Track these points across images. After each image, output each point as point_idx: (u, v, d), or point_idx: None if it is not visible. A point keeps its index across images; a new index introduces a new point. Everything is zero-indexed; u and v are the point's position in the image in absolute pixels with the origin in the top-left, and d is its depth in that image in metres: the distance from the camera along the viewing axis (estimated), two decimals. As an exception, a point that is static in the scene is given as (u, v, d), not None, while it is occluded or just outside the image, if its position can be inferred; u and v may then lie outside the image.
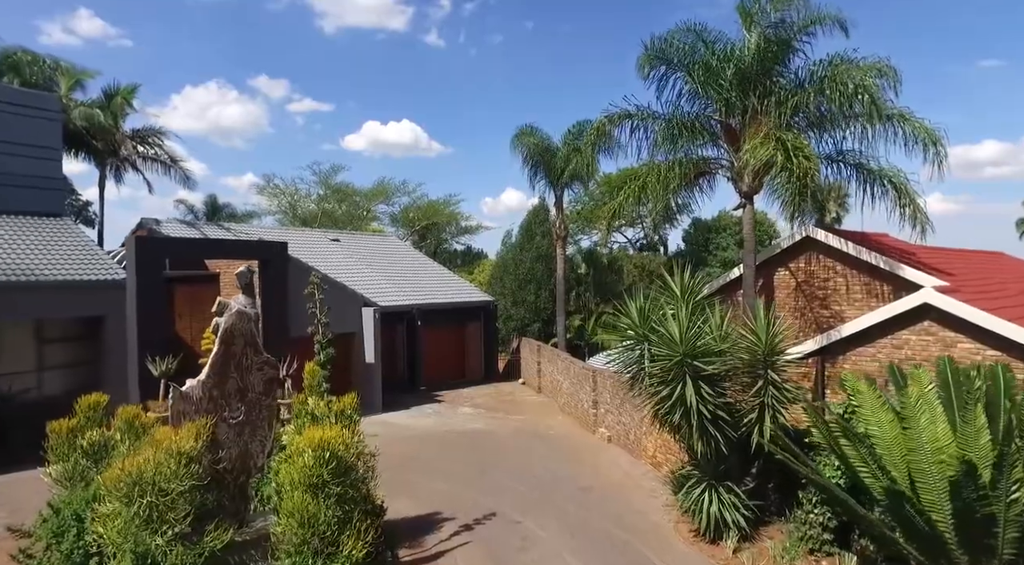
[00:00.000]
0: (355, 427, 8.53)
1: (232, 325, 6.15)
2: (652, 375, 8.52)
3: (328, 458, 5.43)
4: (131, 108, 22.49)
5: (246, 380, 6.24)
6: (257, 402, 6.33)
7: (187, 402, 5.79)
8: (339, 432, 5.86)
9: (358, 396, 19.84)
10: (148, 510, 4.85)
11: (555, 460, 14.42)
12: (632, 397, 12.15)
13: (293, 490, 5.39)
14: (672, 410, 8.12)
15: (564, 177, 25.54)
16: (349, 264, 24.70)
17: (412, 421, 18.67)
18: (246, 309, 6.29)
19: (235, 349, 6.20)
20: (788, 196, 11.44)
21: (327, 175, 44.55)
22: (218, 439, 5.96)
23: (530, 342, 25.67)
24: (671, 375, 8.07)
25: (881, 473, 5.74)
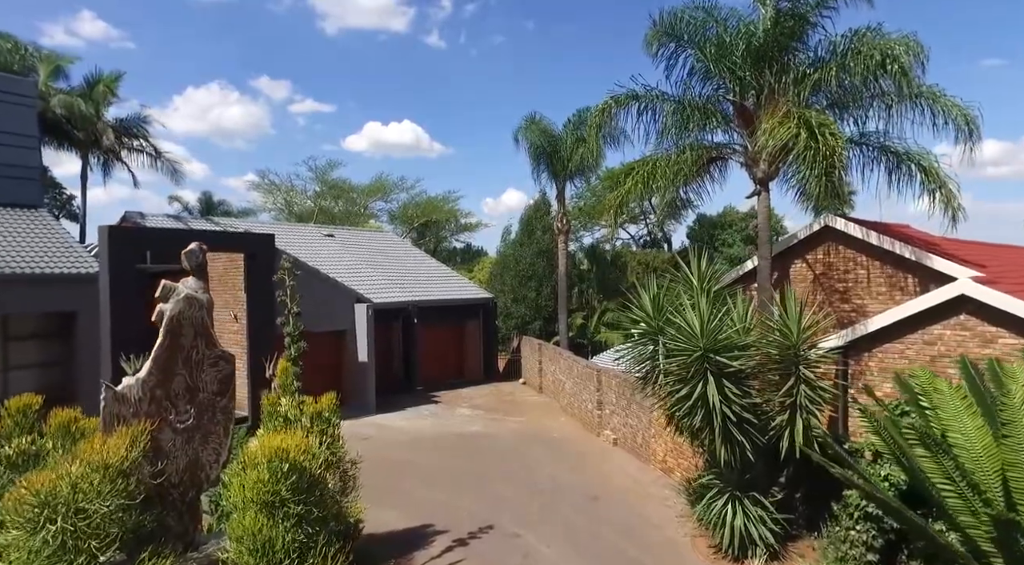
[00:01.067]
0: (334, 431, 7.60)
1: (180, 313, 5.21)
2: (668, 372, 7.58)
3: (287, 471, 4.50)
4: (114, 97, 21.57)
5: (197, 377, 5.30)
6: (210, 404, 5.39)
7: (123, 404, 4.85)
8: (302, 440, 4.91)
9: (351, 397, 18.97)
10: (61, 537, 3.90)
11: (558, 465, 13.47)
12: (644, 397, 11.22)
13: (245, 510, 4.47)
14: (691, 412, 7.18)
15: (568, 168, 24.57)
16: (343, 260, 23.77)
17: (407, 423, 17.74)
18: (197, 294, 5.34)
19: (183, 341, 5.25)
20: (813, 178, 10.45)
21: (323, 171, 43.65)
22: (161, 447, 5.02)
23: (531, 341, 24.73)
24: (690, 372, 7.13)
25: (972, 491, 4.75)
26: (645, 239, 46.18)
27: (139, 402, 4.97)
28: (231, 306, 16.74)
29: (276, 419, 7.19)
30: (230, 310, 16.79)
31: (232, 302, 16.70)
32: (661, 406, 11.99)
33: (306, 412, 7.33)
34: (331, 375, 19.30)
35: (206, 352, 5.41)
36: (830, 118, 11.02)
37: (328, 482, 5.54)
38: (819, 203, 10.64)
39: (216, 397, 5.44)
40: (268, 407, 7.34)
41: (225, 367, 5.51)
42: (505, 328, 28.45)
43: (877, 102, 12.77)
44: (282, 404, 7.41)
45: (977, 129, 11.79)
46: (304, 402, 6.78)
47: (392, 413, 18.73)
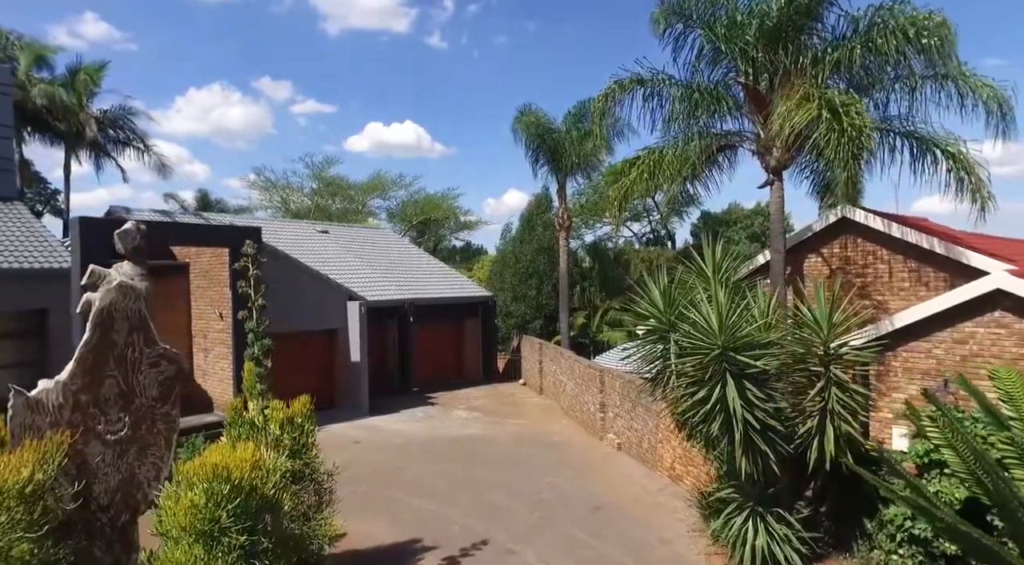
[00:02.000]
0: (307, 439, 6.80)
1: (111, 304, 4.41)
2: (681, 373, 6.77)
3: (229, 494, 3.71)
4: (97, 87, 20.79)
5: (133, 380, 4.50)
6: (149, 411, 4.59)
7: (38, 412, 4.05)
8: (253, 453, 4.12)
9: (343, 399, 18.16)
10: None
11: (559, 472, 12.66)
12: (654, 401, 10.42)
13: (178, 540, 3.68)
14: (709, 418, 6.37)
15: (569, 162, 23.75)
16: (337, 256, 22.98)
17: (401, 426, 16.94)
18: (132, 282, 4.54)
19: (116, 337, 4.46)
20: (838, 163, 9.59)
21: (320, 168, 42.84)
22: (88, 464, 4.22)
23: (531, 340, 23.92)
24: (708, 373, 6.32)
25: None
26: (648, 237, 45.37)
27: (58, 410, 4.17)
28: (216, 304, 15.96)
29: (240, 427, 6.40)
30: (215, 308, 16.01)
31: (218, 300, 15.92)
32: (673, 411, 11.19)
33: (275, 418, 6.52)
34: (322, 376, 18.52)
35: (144, 350, 4.61)
36: (855, 97, 10.16)
37: (285, 505, 4.72)
38: (844, 190, 9.76)
39: (156, 403, 4.63)
40: (231, 414, 6.55)
41: (168, 368, 4.70)
42: (505, 327, 27.65)
43: (900, 84, 11.96)
44: (250, 409, 6.61)
45: (1010, 111, 10.96)
46: (269, 407, 5.98)
47: (386, 415, 17.93)
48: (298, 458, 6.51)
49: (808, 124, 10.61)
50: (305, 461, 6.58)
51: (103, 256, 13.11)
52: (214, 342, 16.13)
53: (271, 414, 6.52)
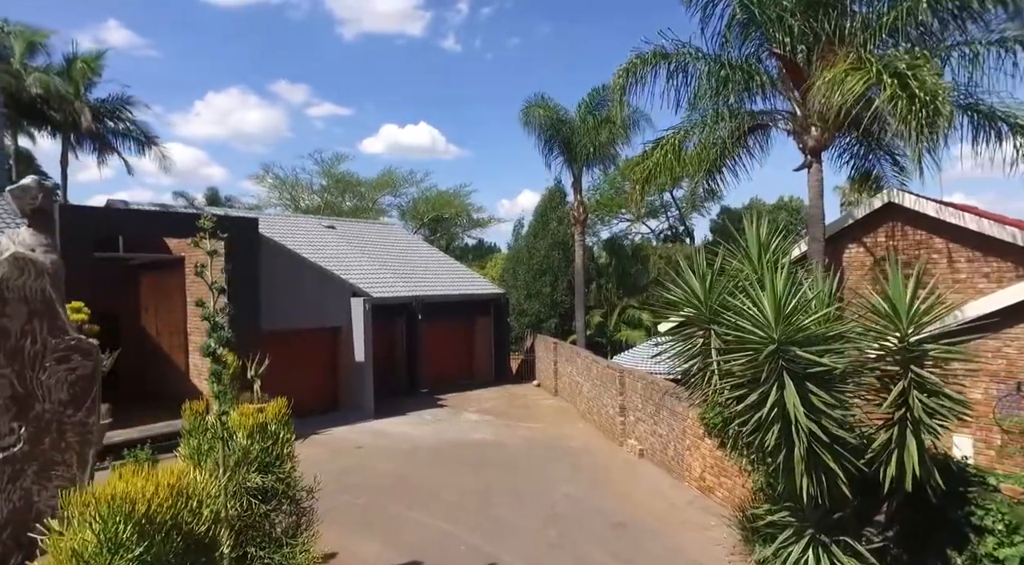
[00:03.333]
0: (282, 451, 5.78)
1: (2, 281, 3.40)
2: (726, 373, 5.64)
3: (133, 535, 2.69)
4: (96, 76, 20.07)
5: (32, 380, 3.50)
6: (55, 420, 3.58)
7: None
8: (180, 477, 3.09)
9: (347, 400, 17.19)
10: None
11: (576, 482, 11.55)
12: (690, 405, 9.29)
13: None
14: (763, 427, 5.23)
15: (584, 153, 22.62)
16: (343, 252, 22.06)
17: (407, 429, 15.93)
18: (32, 255, 3.54)
19: (7, 324, 3.45)
20: (909, 133, 8.34)
21: (330, 164, 42.05)
22: (-33, 488, 3.21)
23: (545, 339, 22.82)
24: (762, 372, 5.19)
25: None
26: (666, 233, 44.08)
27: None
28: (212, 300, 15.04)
29: (198, 435, 5.39)
30: (210, 304, 15.10)
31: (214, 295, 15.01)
32: (703, 416, 10.04)
33: (243, 425, 5.50)
34: (325, 377, 17.59)
35: (49, 341, 3.60)
36: (923, 55, 8.92)
37: (222, 544, 3.67)
38: (920, 160, 8.50)
39: (65, 409, 3.63)
40: (189, 419, 5.53)
41: (82, 364, 3.69)
42: (518, 326, 26.55)
43: (957, 51, 10.71)
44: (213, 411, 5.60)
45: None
46: (229, 412, 4.97)
47: (392, 418, 16.93)
48: (270, 472, 5.49)
49: (860, 95, 9.41)
50: (279, 476, 5.56)
51: (85, 247, 12.28)
52: (209, 340, 15.24)
53: (239, 420, 5.50)
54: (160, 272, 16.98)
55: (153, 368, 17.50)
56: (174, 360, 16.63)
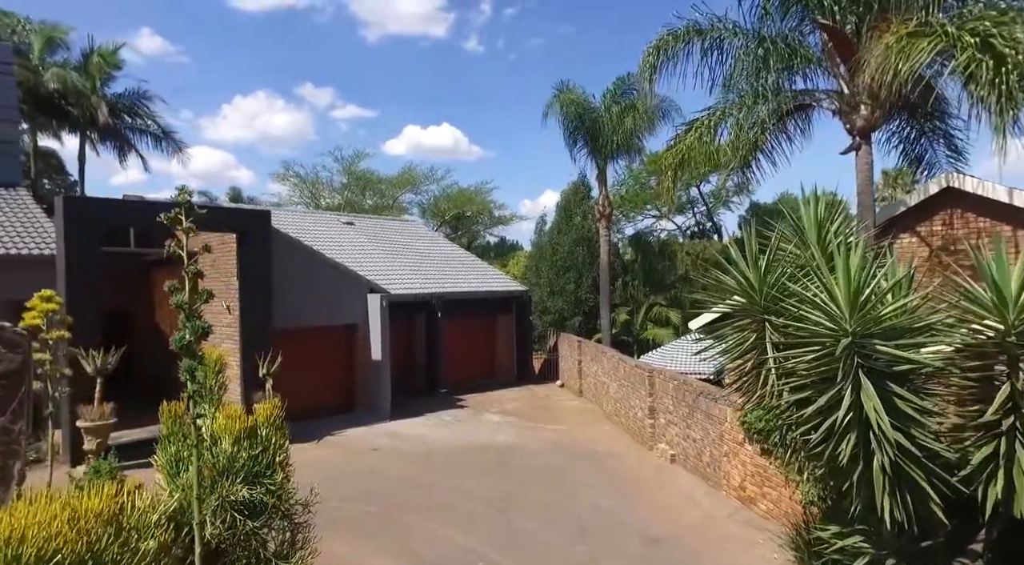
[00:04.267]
0: (274, 459, 5.09)
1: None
2: (788, 372, 4.80)
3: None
4: (114, 70, 19.82)
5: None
6: (-25, 425, 2.90)
7: None
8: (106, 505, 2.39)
9: (363, 400, 16.59)
10: None
11: (604, 490, 10.74)
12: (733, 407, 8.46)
13: None
14: (835, 435, 4.38)
15: (610, 144, 21.75)
16: (362, 248, 21.51)
17: (425, 431, 15.26)
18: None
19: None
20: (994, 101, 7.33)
21: (350, 162, 41.73)
22: None
23: (569, 338, 21.99)
24: (834, 370, 4.34)
25: None
26: (693, 230, 42.89)
27: None
28: (224, 296, 14.57)
29: (177, 442, 4.73)
30: (223, 300, 14.62)
31: (225, 291, 14.53)
32: (755, 422, 9.15)
33: (228, 431, 4.83)
34: (341, 376, 17.01)
35: (-35, 329, 2.93)
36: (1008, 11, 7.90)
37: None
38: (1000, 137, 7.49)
39: (-13, 413, 2.95)
40: (167, 422, 4.88)
41: (8, 358, 3.02)
42: (541, 324, 25.77)
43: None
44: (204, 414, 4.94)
45: None
46: (204, 415, 4.29)
47: (410, 419, 16.28)
48: (259, 484, 4.81)
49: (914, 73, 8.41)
50: (269, 487, 4.87)
51: (90, 240, 11.85)
52: (222, 337, 14.75)
53: (224, 424, 4.84)
54: (174, 268, 16.56)
55: (166, 367, 17.09)
56: (188, 358, 16.20)
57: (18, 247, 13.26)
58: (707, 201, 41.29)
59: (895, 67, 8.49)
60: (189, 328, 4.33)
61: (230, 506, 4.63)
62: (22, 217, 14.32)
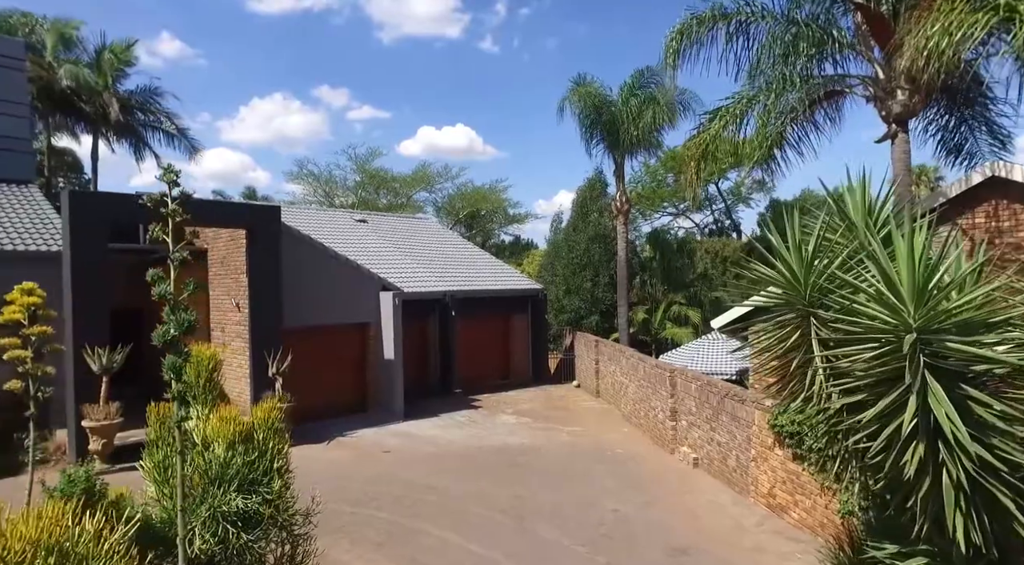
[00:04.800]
0: (271, 465, 4.69)
1: None
2: (840, 373, 4.28)
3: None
4: (126, 66, 19.67)
5: None
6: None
7: None
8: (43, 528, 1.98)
9: (376, 400, 16.22)
10: None
11: (625, 495, 10.24)
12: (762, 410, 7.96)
13: None
14: (899, 444, 3.86)
15: (627, 138, 21.21)
16: (375, 245, 21.18)
17: (439, 432, 14.85)
18: None
19: None
20: None
21: (364, 160, 41.52)
22: None
23: (586, 337, 21.49)
24: (899, 371, 3.82)
25: None
26: (711, 227, 42.16)
27: None
28: (233, 293, 14.29)
29: (164, 447, 4.34)
30: (232, 298, 14.34)
31: (235, 289, 14.25)
32: (787, 425, 8.61)
33: (221, 434, 4.42)
34: (352, 376, 16.67)
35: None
36: None
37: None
38: None
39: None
40: (154, 425, 4.49)
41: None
42: (556, 323, 25.27)
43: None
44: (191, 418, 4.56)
45: None
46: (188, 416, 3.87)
47: (423, 420, 15.89)
48: (255, 493, 4.41)
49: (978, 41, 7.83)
50: (265, 496, 4.46)
51: (95, 234, 11.59)
52: (232, 336, 14.48)
53: (217, 428, 4.43)
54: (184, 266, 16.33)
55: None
56: (198, 357, 15.96)
57: (26, 243, 13.08)
58: (726, 198, 40.55)
59: (938, 47, 7.90)
60: (173, 322, 3.94)
61: (222, 517, 4.24)
62: (31, 213, 14.15)
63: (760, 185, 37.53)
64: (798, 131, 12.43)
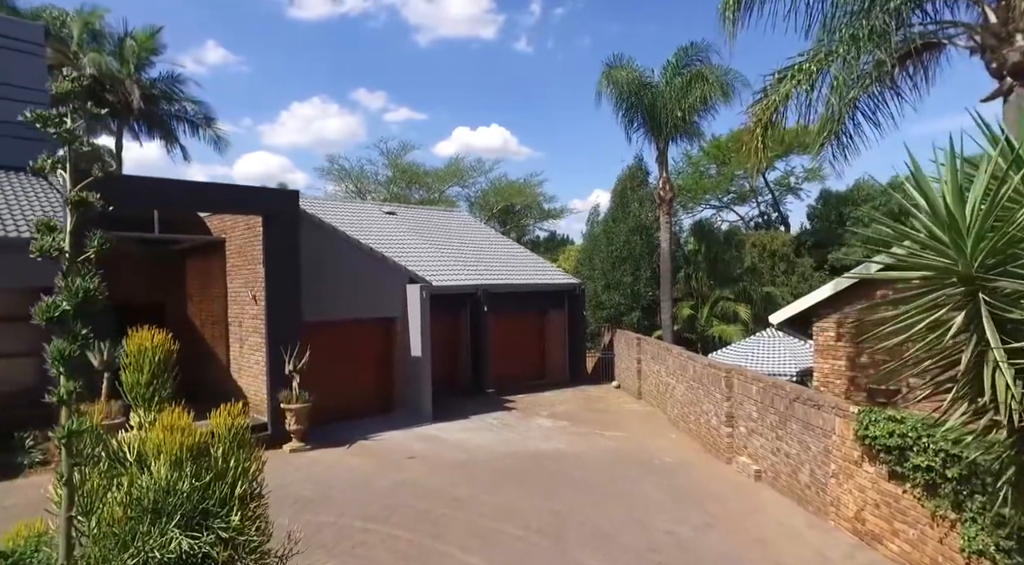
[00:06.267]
0: (238, 490, 3.53)
1: None
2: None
3: None
4: (147, 54, 19.13)
5: None
6: None
7: None
8: None
9: (402, 400, 15.14)
10: None
11: (678, 511, 8.88)
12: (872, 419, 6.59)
13: None
14: None
15: (669, 120, 19.70)
16: (403, 238, 20.20)
17: (468, 436, 13.69)
18: None
19: None
20: None
21: (396, 155, 40.77)
22: None
23: (627, 334, 20.06)
24: None
25: None
26: (757, 220, 40.06)
27: None
28: (251, 285, 13.41)
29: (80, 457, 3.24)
30: (249, 289, 13.47)
31: (253, 280, 13.37)
32: (884, 436, 7.12)
33: (166, 449, 3.29)
34: (377, 374, 15.66)
35: None
36: None
37: None
38: None
39: None
40: (61, 433, 3.39)
41: None
42: (594, 320, 23.87)
43: None
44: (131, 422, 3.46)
45: None
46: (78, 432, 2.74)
47: (452, 422, 14.76)
48: (206, 529, 3.28)
49: None
50: (220, 533, 3.32)
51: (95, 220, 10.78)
52: (248, 330, 13.61)
53: (159, 441, 3.32)
54: (204, 256, 15.62)
55: (196, 362, 16.18)
56: (217, 353, 15.20)
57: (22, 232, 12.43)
58: (773, 189, 38.42)
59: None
60: (65, 291, 2.82)
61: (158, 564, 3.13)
62: (44, 204, 13.53)
63: (813, 173, 35.30)
64: (875, 100, 10.87)
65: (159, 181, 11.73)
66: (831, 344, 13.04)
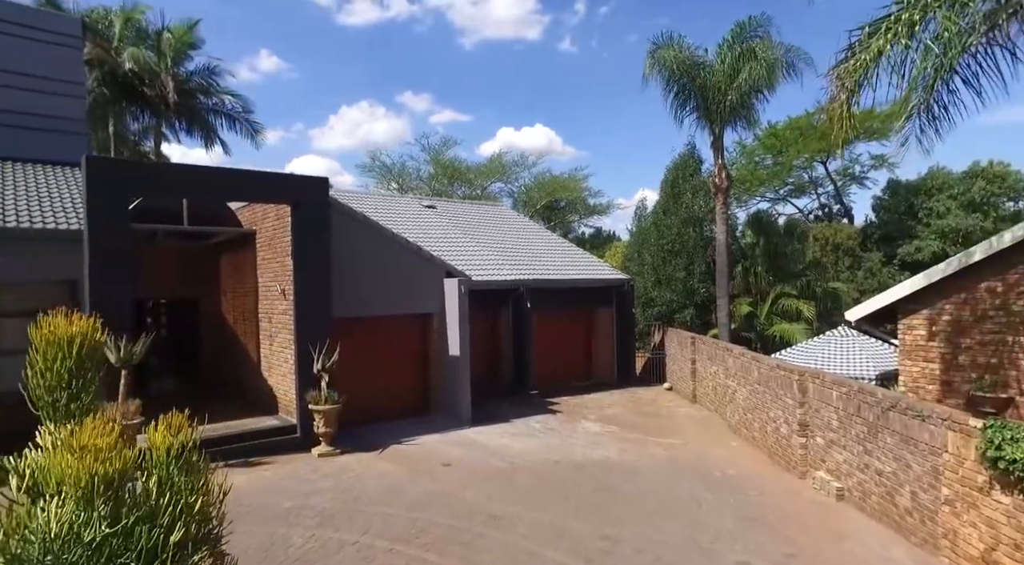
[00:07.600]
0: (175, 541, 2.56)
1: None
2: None
3: None
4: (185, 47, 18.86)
5: None
6: None
7: None
8: None
9: (438, 402, 14.17)
10: None
11: (752, 537, 7.61)
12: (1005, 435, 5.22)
13: None
14: None
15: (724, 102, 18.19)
16: (442, 232, 19.35)
17: (509, 441, 12.66)
18: None
19: None
20: None
21: (437, 150, 40.14)
22: None
23: (679, 333, 18.66)
24: None
25: None
26: (816, 213, 37.67)
27: None
28: (280, 278, 12.73)
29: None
30: (279, 283, 12.79)
31: (282, 273, 12.68)
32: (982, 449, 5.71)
33: (75, 476, 2.36)
34: (412, 374, 14.80)
35: None
36: None
37: None
38: None
39: None
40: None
41: None
42: (643, 318, 22.47)
43: None
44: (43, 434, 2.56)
45: None
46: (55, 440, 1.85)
47: (491, 426, 13.76)
48: None
49: None
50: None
51: (115, 203, 10.17)
52: (278, 327, 12.93)
53: (64, 466, 2.41)
54: (236, 250, 15.10)
55: (229, 359, 15.71)
56: (248, 350, 14.64)
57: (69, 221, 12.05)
58: (835, 180, 36.00)
59: None
60: None
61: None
62: (75, 195, 13.20)
63: (881, 161, 32.82)
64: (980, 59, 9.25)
65: (184, 167, 11.14)
66: (921, 344, 11.45)
